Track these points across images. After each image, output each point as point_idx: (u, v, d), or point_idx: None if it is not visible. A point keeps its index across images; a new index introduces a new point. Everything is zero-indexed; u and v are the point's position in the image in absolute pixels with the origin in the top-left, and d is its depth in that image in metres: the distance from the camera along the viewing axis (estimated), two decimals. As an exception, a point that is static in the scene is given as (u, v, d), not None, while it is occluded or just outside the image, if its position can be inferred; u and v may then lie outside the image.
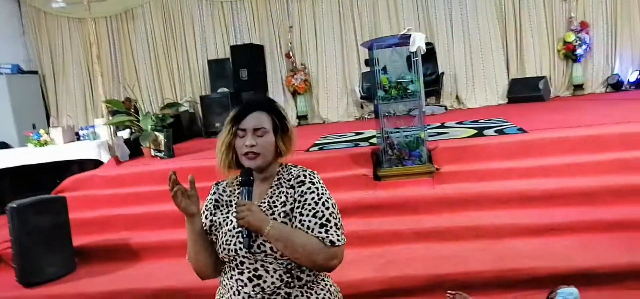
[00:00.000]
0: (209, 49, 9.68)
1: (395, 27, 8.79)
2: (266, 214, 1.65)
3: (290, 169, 1.78)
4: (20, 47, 9.96)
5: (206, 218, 1.79)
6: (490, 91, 8.78)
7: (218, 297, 1.80)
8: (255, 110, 1.72)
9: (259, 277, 1.63)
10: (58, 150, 6.50)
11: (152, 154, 6.45)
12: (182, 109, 8.35)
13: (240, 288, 1.65)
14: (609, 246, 3.50)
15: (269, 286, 1.63)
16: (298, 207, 1.67)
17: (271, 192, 1.73)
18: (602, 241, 3.58)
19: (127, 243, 4.52)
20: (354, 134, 6.64)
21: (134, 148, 6.74)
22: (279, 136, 1.74)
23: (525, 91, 8.25)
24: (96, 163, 6.41)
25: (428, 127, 5.06)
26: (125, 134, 7.09)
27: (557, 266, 3.36)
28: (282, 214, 1.67)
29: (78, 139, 6.83)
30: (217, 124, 8.82)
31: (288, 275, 1.64)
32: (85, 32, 9.49)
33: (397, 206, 4.35)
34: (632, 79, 8.09)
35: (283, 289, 1.64)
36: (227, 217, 1.73)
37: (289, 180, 1.73)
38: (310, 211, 1.66)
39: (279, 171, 1.78)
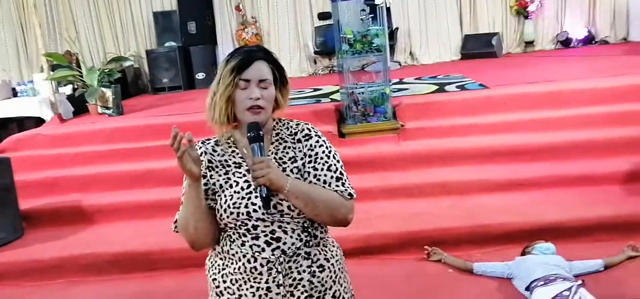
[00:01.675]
0: (154, 0, 9.16)
1: (350, -20, 8.56)
2: None
3: (287, 123, 1.66)
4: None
5: None
6: (444, 47, 8.75)
7: (214, 270, 1.62)
8: (258, 60, 1.57)
9: (278, 239, 1.51)
10: (-6, 107, 6.04)
11: (99, 111, 6.08)
12: (126, 63, 7.90)
13: (257, 254, 1.51)
14: (576, 200, 3.57)
15: (289, 248, 1.52)
16: (310, 162, 1.58)
17: (274, 148, 1.60)
18: (569, 195, 3.65)
19: (79, 205, 4.27)
20: (311, 89, 6.48)
21: (78, 105, 6.33)
22: (278, 88, 1.61)
23: (479, 47, 8.28)
24: (37, 121, 5.99)
25: (391, 82, 4.98)
26: (67, 89, 6.65)
27: (526, 221, 3.41)
28: (294, 170, 1.56)
29: (15, 95, 6.36)
30: (165, 80, 8.45)
31: (305, 233, 1.55)
32: (18, -21, 8.76)
33: (363, 163, 4.29)
34: (580, 36, 8.27)
35: (303, 248, 1.54)
36: (229, 178, 1.56)
37: (294, 134, 1.61)
38: (324, 164, 1.57)
39: (275, 126, 1.65)
